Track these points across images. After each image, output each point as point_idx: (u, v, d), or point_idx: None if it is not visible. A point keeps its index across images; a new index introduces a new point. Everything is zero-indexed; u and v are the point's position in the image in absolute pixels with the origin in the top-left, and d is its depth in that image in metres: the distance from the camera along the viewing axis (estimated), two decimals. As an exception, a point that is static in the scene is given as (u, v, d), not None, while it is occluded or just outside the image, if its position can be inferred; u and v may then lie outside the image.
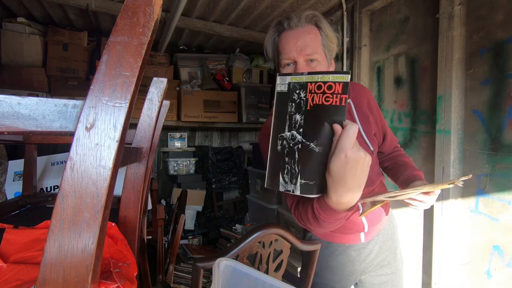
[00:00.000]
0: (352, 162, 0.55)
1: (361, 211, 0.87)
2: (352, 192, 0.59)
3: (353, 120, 0.98)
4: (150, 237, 1.70)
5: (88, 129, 0.32)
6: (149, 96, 0.74)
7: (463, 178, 0.73)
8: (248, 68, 3.42)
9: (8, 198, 1.61)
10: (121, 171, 0.51)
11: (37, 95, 2.43)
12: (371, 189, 0.99)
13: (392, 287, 1.05)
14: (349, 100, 0.98)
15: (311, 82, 0.61)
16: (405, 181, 0.96)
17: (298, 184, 0.61)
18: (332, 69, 0.94)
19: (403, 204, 0.92)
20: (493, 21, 1.37)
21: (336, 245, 1.01)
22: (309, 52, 0.84)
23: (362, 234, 1.00)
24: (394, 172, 1.04)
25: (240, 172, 3.54)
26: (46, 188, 1.62)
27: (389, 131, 1.09)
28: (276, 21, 0.90)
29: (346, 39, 2.19)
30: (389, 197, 0.75)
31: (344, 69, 2.21)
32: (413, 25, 1.78)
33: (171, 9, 2.25)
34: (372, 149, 0.97)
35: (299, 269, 1.92)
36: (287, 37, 0.86)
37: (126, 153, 0.53)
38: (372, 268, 1.03)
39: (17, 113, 0.32)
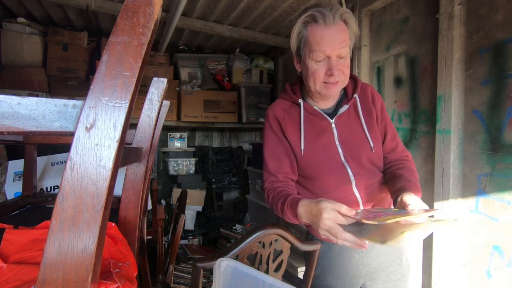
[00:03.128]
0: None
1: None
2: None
3: (357, 115, 0.99)
4: (150, 237, 1.70)
5: (88, 129, 0.32)
6: (149, 96, 0.74)
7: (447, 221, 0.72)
8: (248, 68, 3.41)
9: (8, 198, 1.61)
10: (121, 171, 0.51)
11: (37, 95, 2.43)
12: (372, 182, 0.99)
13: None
14: (355, 95, 0.99)
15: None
16: (394, 193, 0.92)
17: None
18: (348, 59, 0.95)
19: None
20: (493, 21, 1.37)
21: (339, 247, 0.99)
22: (342, 50, 0.88)
23: None
24: (389, 185, 0.99)
25: (240, 172, 3.54)
26: (46, 188, 1.62)
27: (391, 134, 1.04)
28: (309, 14, 0.89)
29: (346, 39, 2.18)
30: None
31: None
32: (413, 25, 1.78)
33: (171, 9, 2.25)
34: (372, 145, 0.98)
35: (299, 269, 1.92)
36: (322, 33, 0.87)
37: (126, 153, 0.53)
38: (377, 274, 1.01)
39: (17, 113, 0.32)
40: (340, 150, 0.97)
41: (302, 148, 0.96)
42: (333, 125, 0.98)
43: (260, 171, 2.77)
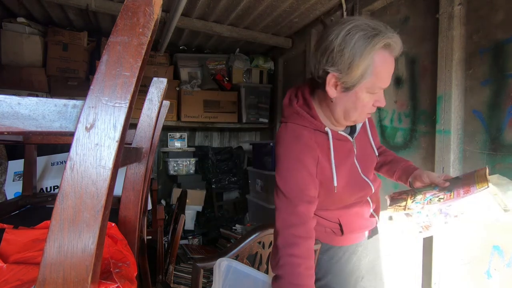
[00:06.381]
0: None
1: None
2: None
3: (365, 128, 1.00)
4: (150, 237, 1.70)
5: (88, 129, 0.32)
6: (149, 96, 0.74)
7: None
8: (248, 68, 3.41)
9: (8, 198, 1.61)
10: (121, 171, 0.51)
11: (37, 95, 2.42)
12: (377, 184, 1.02)
13: (375, 274, 1.07)
14: None
15: None
16: (403, 174, 0.99)
17: None
18: None
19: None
20: (493, 21, 1.37)
21: (346, 246, 1.01)
22: None
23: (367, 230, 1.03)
24: (387, 168, 1.07)
25: (240, 172, 3.54)
26: (46, 188, 1.62)
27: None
28: (385, 41, 0.78)
29: (346, 39, 2.19)
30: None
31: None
32: (413, 25, 1.77)
33: (171, 9, 2.25)
34: (376, 154, 1.02)
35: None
36: (390, 65, 0.81)
37: (126, 153, 0.53)
38: (370, 262, 1.05)
39: (17, 113, 0.32)
40: (358, 166, 0.95)
41: (336, 184, 0.86)
42: (354, 145, 0.94)
43: (260, 171, 2.78)
